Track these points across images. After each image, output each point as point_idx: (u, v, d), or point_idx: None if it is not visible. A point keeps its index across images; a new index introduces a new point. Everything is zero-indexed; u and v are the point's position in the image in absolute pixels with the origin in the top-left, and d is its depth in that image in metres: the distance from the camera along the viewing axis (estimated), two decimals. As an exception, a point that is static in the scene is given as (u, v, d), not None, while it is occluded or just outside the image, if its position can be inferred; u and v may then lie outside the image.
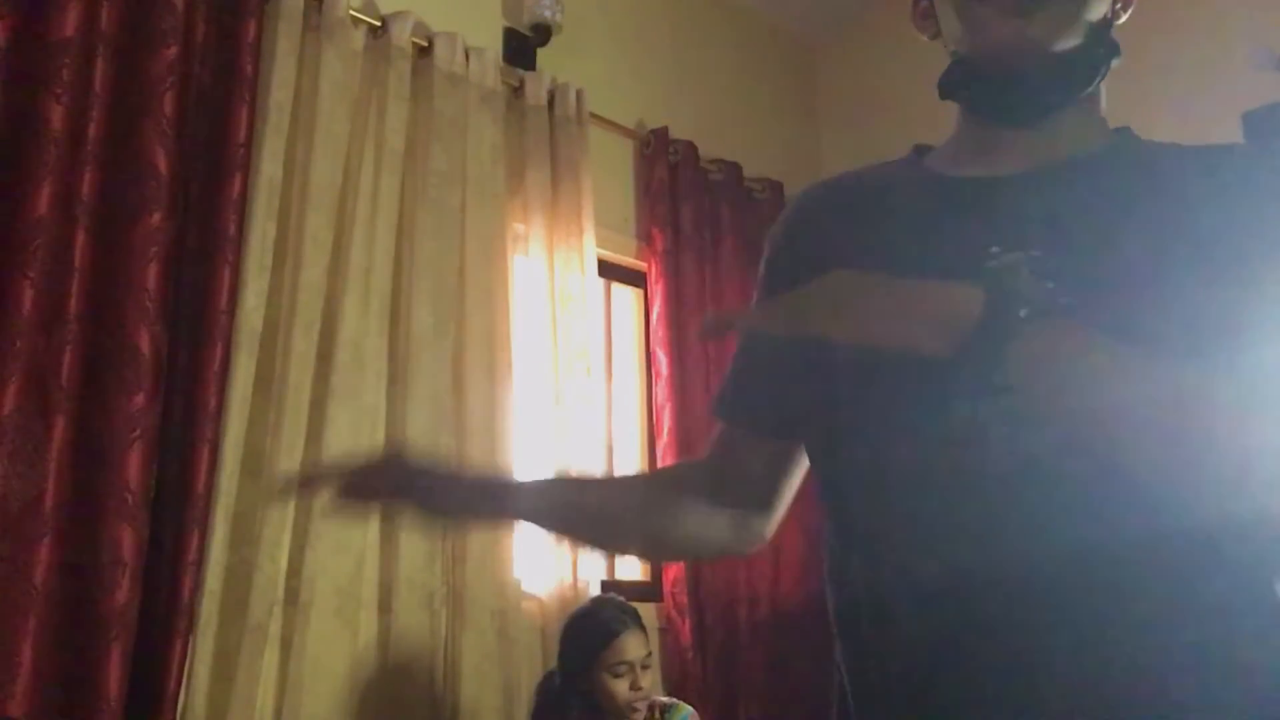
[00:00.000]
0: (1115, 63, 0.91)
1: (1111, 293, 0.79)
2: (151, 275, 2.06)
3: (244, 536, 2.15)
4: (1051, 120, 0.90)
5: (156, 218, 2.08)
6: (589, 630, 2.22)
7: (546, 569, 2.65)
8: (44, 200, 1.95)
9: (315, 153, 2.37)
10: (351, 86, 2.48)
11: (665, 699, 2.33)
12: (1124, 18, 0.92)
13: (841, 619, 0.91)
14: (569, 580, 2.64)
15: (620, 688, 2.16)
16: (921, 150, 1.00)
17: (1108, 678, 0.75)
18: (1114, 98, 0.95)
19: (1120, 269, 0.80)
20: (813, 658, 3.11)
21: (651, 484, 1.27)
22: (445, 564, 2.44)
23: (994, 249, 0.84)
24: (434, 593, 2.40)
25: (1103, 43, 0.89)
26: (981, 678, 0.78)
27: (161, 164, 2.10)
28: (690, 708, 2.33)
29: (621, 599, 2.31)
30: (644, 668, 2.21)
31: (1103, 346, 0.73)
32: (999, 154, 0.91)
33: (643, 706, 2.19)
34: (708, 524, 1.08)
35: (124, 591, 1.93)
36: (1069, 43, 0.86)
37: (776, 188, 3.50)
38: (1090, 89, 0.90)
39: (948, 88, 0.94)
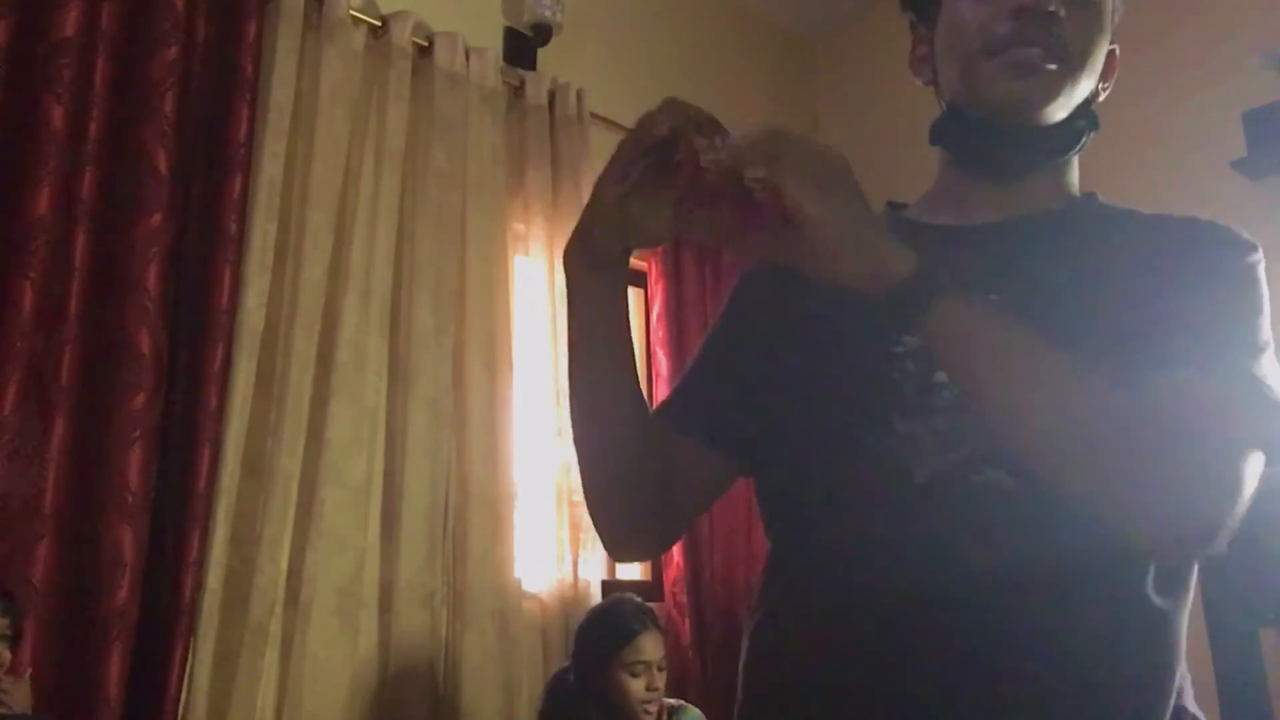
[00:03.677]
0: (1092, 135, 0.97)
1: (1054, 328, 0.82)
2: (151, 275, 2.06)
3: (245, 536, 2.14)
4: (1027, 179, 0.96)
5: (156, 218, 2.08)
6: (608, 628, 2.23)
7: (546, 569, 2.65)
8: (44, 200, 1.95)
9: (315, 153, 2.37)
10: (352, 86, 2.48)
11: (673, 701, 2.33)
12: (1103, 96, 0.98)
13: (777, 622, 0.91)
14: (569, 580, 2.64)
15: (636, 686, 2.17)
16: (895, 205, 1.06)
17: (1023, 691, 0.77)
18: (1117, 97, 0.96)
19: (1071, 316, 0.84)
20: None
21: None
22: (445, 564, 2.44)
23: None
24: (434, 593, 2.39)
25: (1085, 116, 0.95)
26: (900, 690, 0.79)
27: (161, 164, 2.10)
28: (698, 710, 2.33)
29: (639, 600, 2.32)
30: (659, 669, 2.22)
31: (1011, 325, 0.77)
32: (972, 205, 0.97)
33: (655, 708, 2.20)
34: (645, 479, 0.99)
35: (124, 591, 1.93)
36: (1058, 113, 0.92)
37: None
38: (1065, 155, 0.97)
39: (939, 135, 0.99)
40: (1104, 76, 0.96)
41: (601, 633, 2.24)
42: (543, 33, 2.96)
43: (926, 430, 0.84)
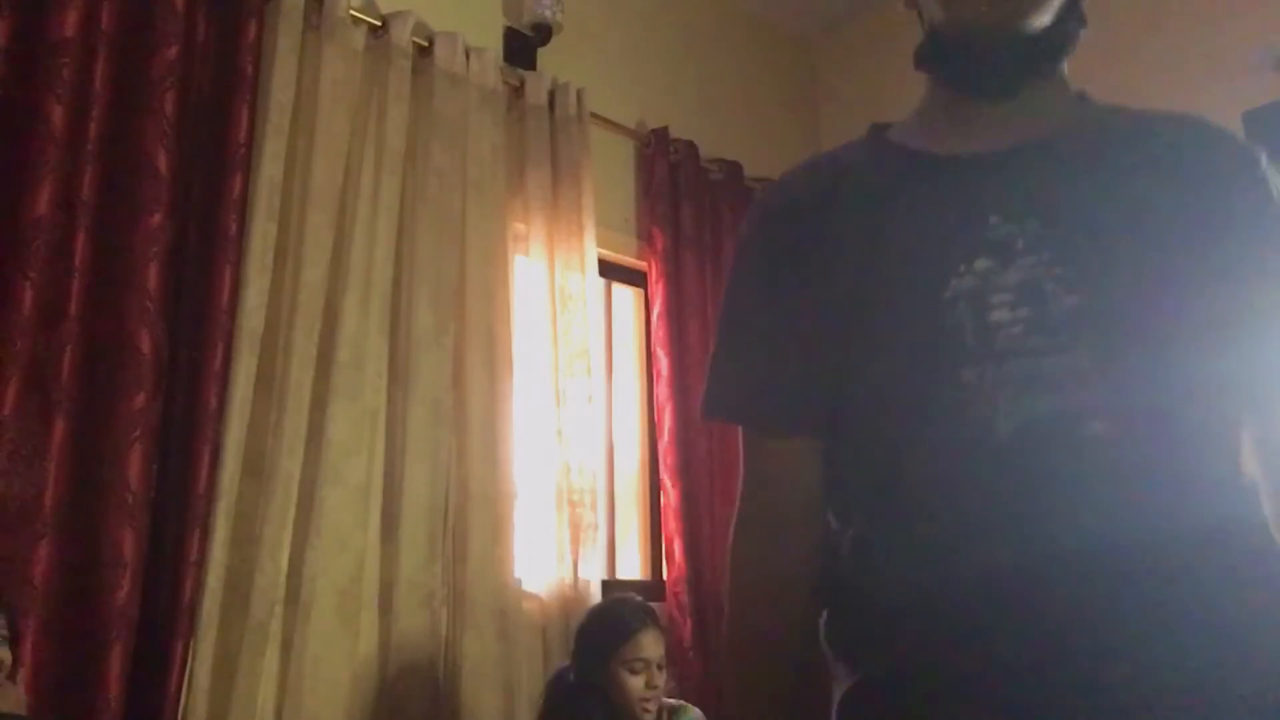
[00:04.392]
0: (1082, 34, 0.92)
1: (1110, 261, 0.81)
2: (151, 275, 2.06)
3: (245, 536, 2.14)
4: (1024, 93, 0.91)
5: (156, 218, 2.08)
6: (608, 625, 2.23)
7: (546, 569, 2.65)
8: (44, 200, 1.95)
9: (316, 153, 2.37)
10: (352, 86, 2.48)
11: (673, 701, 2.32)
12: None
13: (869, 601, 0.87)
14: (569, 580, 2.64)
15: (635, 684, 2.17)
16: (880, 128, 1.00)
17: (1127, 652, 0.74)
18: (1117, 97, 0.95)
19: (1116, 238, 0.82)
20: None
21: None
22: (445, 564, 2.44)
23: (993, 219, 0.85)
24: (434, 593, 2.39)
25: (1072, 15, 0.91)
26: (993, 657, 0.77)
27: (161, 164, 2.10)
28: (697, 710, 2.33)
29: (640, 599, 2.32)
30: (659, 667, 2.21)
31: None
32: (976, 128, 0.91)
33: (654, 706, 2.19)
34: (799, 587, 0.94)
35: (124, 591, 1.93)
36: (1041, 19, 0.87)
37: (777, 187, 3.49)
38: (1059, 61, 0.92)
39: (922, 60, 0.95)
40: None
41: (601, 630, 2.24)
42: (543, 33, 2.96)
43: (997, 377, 0.80)
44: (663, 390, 3.03)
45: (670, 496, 2.96)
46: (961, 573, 0.79)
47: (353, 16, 2.52)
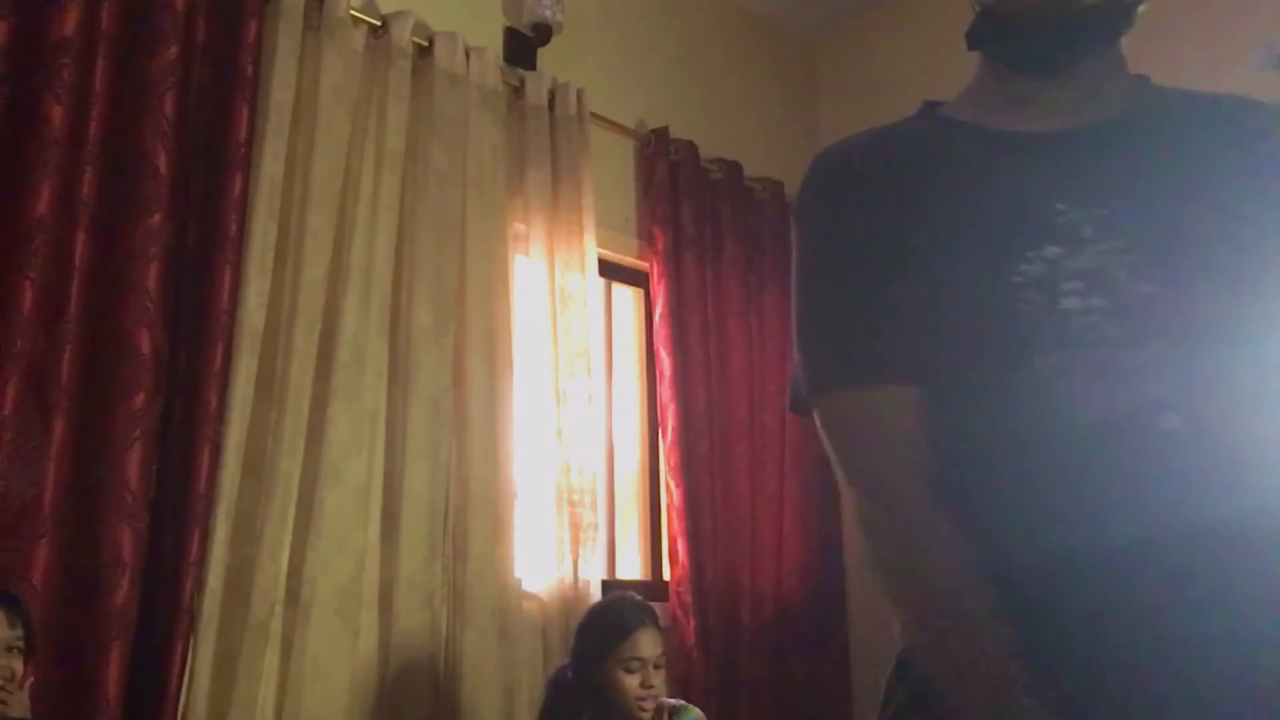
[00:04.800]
0: (1143, 8, 0.89)
1: (1184, 248, 0.79)
2: (151, 275, 2.06)
3: (245, 536, 2.14)
4: (1082, 71, 0.88)
5: (156, 218, 2.08)
6: (605, 624, 2.23)
7: (546, 569, 2.65)
8: (44, 200, 1.95)
9: (316, 152, 2.37)
10: (352, 86, 2.48)
11: (673, 701, 2.32)
12: None
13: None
14: (569, 580, 2.64)
15: (631, 683, 2.16)
16: (932, 105, 0.98)
17: (1218, 650, 0.73)
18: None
19: (1186, 223, 0.80)
20: (815, 657, 3.11)
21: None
22: (445, 564, 2.44)
23: (1060, 206, 0.83)
24: (434, 593, 2.40)
25: None
26: (1088, 656, 0.76)
27: (161, 164, 2.10)
28: (698, 710, 2.32)
29: (640, 598, 2.32)
30: (656, 667, 2.21)
31: None
32: (1036, 107, 0.89)
33: (651, 705, 2.19)
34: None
35: (124, 591, 1.93)
36: None
37: (777, 187, 3.50)
38: (1118, 36, 0.90)
39: (976, 40, 0.92)
40: None
41: (598, 629, 2.24)
42: (543, 33, 2.96)
43: (1072, 365, 0.78)
44: (665, 390, 3.03)
45: (674, 496, 2.96)
46: (1037, 564, 0.78)
47: (353, 16, 2.52)
